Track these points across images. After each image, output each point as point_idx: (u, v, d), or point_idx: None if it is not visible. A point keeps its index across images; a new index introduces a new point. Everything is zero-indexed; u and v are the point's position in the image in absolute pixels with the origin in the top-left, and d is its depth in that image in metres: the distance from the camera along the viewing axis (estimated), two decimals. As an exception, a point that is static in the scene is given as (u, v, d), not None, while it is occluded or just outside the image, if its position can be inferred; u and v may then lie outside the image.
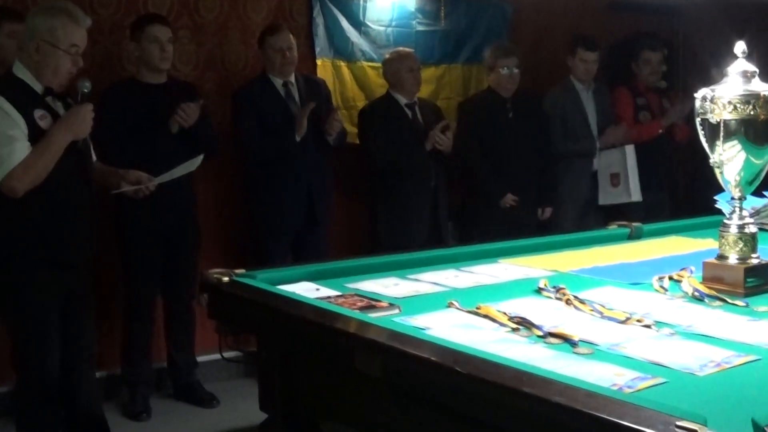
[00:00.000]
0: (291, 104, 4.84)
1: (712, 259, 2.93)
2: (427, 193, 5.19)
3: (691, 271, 2.97)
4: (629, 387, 1.89)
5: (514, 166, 5.45)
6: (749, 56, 2.73)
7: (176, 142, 4.37)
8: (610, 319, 2.50)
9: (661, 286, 2.90)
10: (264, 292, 2.73)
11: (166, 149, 4.32)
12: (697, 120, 2.83)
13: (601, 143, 5.79)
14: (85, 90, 3.57)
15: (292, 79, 4.88)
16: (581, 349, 2.20)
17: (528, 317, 2.44)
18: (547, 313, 2.56)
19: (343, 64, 5.50)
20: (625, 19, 6.78)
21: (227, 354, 2.92)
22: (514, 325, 2.40)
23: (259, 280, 2.91)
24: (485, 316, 2.51)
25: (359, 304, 2.63)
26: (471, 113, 5.48)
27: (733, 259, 2.87)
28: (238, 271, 2.96)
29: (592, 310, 2.59)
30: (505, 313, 2.51)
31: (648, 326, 2.41)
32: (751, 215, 3.91)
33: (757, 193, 3.49)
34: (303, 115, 4.64)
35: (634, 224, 4.10)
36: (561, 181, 5.75)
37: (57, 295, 3.56)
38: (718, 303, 2.71)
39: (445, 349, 2.03)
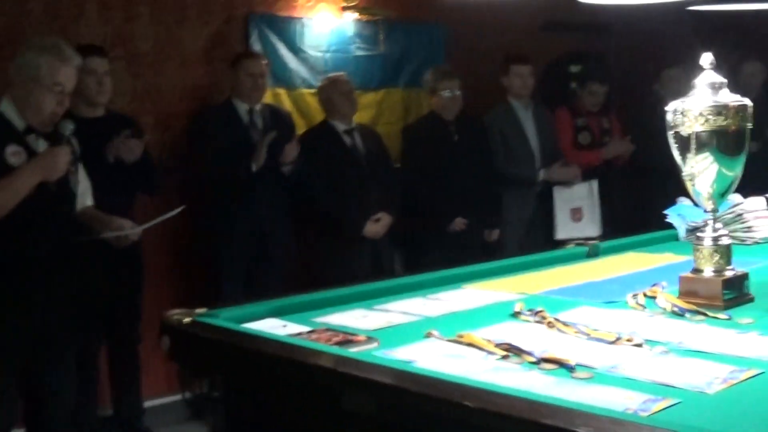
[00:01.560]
0: (253, 132, 4.71)
1: (687, 273, 2.87)
2: (364, 222, 5.06)
3: (663, 287, 2.92)
4: (644, 410, 1.79)
5: (461, 189, 5.39)
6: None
7: (112, 176, 4.17)
8: (598, 340, 2.41)
9: (638, 303, 2.83)
10: (230, 331, 2.57)
11: (102, 185, 4.10)
12: (669, 133, 2.79)
13: (548, 177, 5.76)
14: (67, 132, 3.44)
15: (258, 107, 4.75)
16: (580, 374, 2.10)
17: (513, 343, 2.34)
18: (530, 337, 2.46)
19: (282, 91, 5.39)
20: (558, 39, 6.81)
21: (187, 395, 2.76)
22: (503, 352, 2.30)
23: (223, 318, 2.75)
24: (469, 345, 2.39)
25: (335, 339, 2.49)
26: (415, 138, 5.41)
27: (708, 272, 2.81)
28: (198, 310, 2.79)
29: (577, 332, 2.49)
30: (489, 341, 2.40)
31: (639, 345, 2.32)
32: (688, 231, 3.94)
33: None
34: (263, 145, 4.48)
35: (591, 242, 4.05)
36: (506, 202, 5.70)
37: (22, 342, 3.37)
38: (699, 317, 2.64)
39: (448, 383, 1.91)
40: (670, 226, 4.18)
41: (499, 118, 5.75)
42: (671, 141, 2.79)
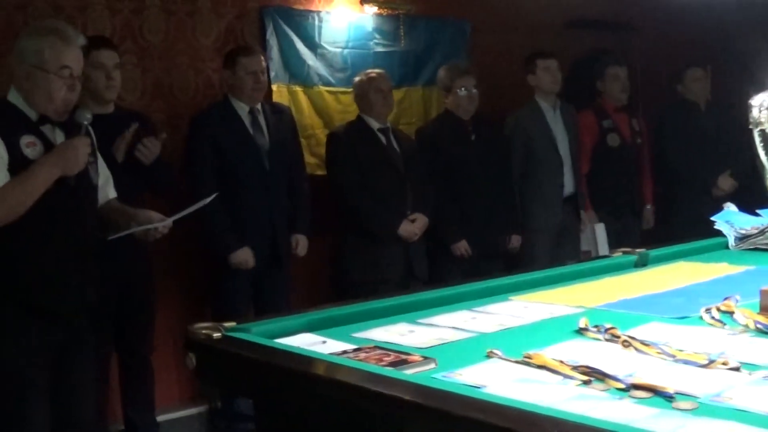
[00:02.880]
0: (257, 135, 4.41)
1: (769, 287, 2.59)
2: (400, 221, 4.76)
3: (737, 300, 2.64)
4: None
5: (480, 191, 5.11)
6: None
7: (123, 176, 3.85)
8: (687, 362, 2.12)
9: (714, 319, 2.55)
10: (268, 349, 2.28)
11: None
12: (755, 131, 2.50)
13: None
14: (85, 122, 3.13)
15: (259, 106, 4.46)
16: (681, 404, 1.81)
17: (591, 365, 2.06)
18: (606, 358, 2.17)
19: (299, 89, 5.09)
20: (583, 38, 6.54)
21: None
22: (583, 377, 2.01)
23: (255, 333, 2.47)
24: (541, 367, 2.11)
25: (386, 359, 2.20)
26: (431, 139, 5.12)
27: (793, 285, 2.54)
28: (227, 324, 2.51)
29: (659, 353, 2.21)
30: (561, 362, 2.12)
31: (736, 369, 2.04)
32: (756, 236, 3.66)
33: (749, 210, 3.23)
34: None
35: (638, 251, 3.77)
36: (530, 208, 5.42)
37: (42, 352, 3.04)
38: (789, 336, 2.36)
39: (535, 414, 1.63)
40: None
41: (525, 119, 5.45)
42: (756, 139, 2.51)
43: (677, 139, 5.95)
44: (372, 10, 5.35)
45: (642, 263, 3.69)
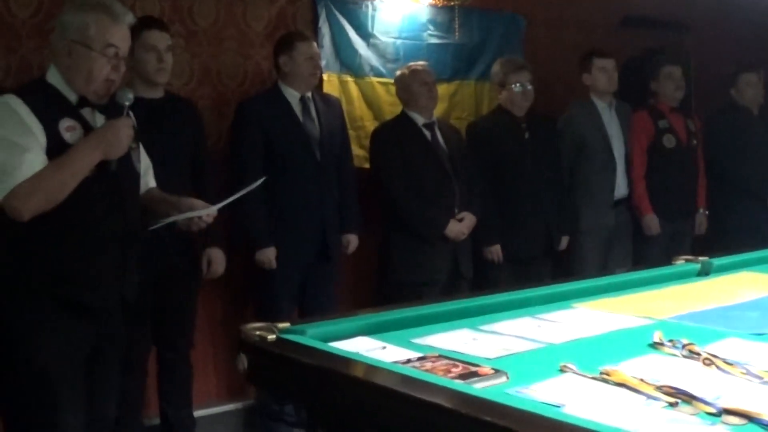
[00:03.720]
0: (308, 123, 4.28)
1: None
2: (447, 221, 4.62)
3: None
4: None
5: (532, 191, 4.94)
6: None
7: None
8: (777, 385, 1.98)
9: (797, 337, 2.40)
10: (328, 355, 2.16)
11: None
12: None
13: None
14: (127, 102, 2.94)
15: (309, 94, 4.33)
16: (782, 434, 1.67)
17: (674, 384, 1.92)
18: (687, 377, 2.03)
19: (350, 79, 4.95)
20: (637, 36, 6.37)
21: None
22: (669, 398, 1.87)
23: (310, 336, 2.35)
24: (621, 385, 1.97)
25: (455, 370, 2.07)
26: (483, 135, 4.96)
27: None
28: (280, 325, 2.39)
29: (745, 373, 2.06)
30: (642, 380, 1.98)
31: (831, 395, 1.89)
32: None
33: None
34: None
35: (701, 259, 3.62)
36: (580, 209, 5.26)
37: (78, 348, 2.89)
38: None
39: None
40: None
41: (579, 117, 5.28)
42: None
43: (730, 144, 5.76)
44: (427, 0, 5.19)
45: (705, 272, 3.55)
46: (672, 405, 1.85)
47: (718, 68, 6.75)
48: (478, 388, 1.94)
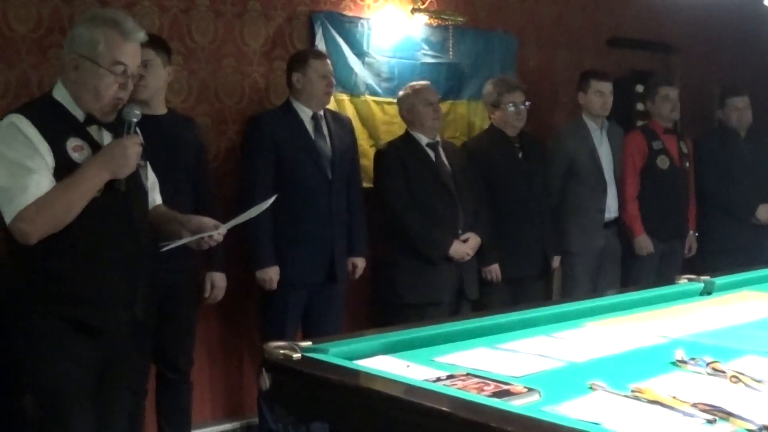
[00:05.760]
0: (320, 141, 4.26)
1: None
2: (451, 241, 4.57)
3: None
4: None
5: (526, 211, 4.94)
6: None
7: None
8: (809, 404, 1.99)
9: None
10: (357, 373, 2.15)
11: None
12: None
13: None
14: (134, 119, 2.88)
15: (321, 112, 4.32)
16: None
17: (707, 401, 1.93)
18: (718, 394, 2.05)
19: (345, 97, 4.91)
20: (624, 57, 6.43)
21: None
22: (707, 416, 1.87)
23: (332, 354, 2.34)
24: (654, 402, 1.98)
25: (487, 389, 2.06)
26: (478, 154, 4.96)
27: None
28: (303, 344, 2.38)
29: (774, 391, 2.08)
30: (674, 397, 1.99)
31: None
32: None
33: None
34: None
35: (704, 278, 3.65)
36: (569, 231, 5.27)
37: (87, 369, 2.84)
38: None
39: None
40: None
41: (570, 138, 5.30)
42: None
43: (716, 166, 5.80)
44: (422, 19, 5.19)
45: (708, 291, 3.58)
46: (710, 422, 1.85)
47: (704, 89, 6.84)
48: (515, 405, 1.94)
